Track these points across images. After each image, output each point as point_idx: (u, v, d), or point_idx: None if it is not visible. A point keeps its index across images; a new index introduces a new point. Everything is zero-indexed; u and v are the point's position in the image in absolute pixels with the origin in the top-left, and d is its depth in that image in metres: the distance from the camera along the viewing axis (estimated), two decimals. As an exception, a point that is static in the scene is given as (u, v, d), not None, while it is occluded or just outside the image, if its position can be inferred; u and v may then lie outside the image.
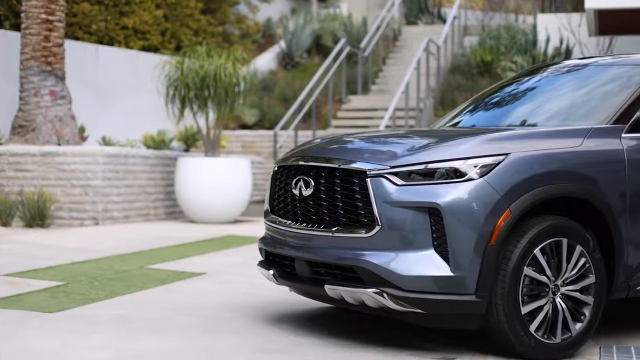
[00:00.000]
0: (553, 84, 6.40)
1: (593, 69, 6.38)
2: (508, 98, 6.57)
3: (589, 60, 6.62)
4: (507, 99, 6.57)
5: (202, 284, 7.40)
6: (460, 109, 6.90)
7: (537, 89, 6.47)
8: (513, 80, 6.85)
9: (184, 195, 13.27)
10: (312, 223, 5.22)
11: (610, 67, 6.26)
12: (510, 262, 4.84)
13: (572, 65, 6.59)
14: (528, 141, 5.10)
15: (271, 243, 5.68)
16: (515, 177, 4.88)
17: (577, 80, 6.28)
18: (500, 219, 4.80)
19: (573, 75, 6.41)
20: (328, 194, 5.13)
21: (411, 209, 4.82)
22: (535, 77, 6.65)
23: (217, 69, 13.16)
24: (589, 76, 6.26)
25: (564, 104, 5.99)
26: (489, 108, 6.59)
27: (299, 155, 5.54)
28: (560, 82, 6.40)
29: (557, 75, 6.52)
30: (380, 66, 20.65)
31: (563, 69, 6.57)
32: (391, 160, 4.97)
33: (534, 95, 6.37)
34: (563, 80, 6.38)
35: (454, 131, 5.86)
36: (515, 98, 6.51)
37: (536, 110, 6.07)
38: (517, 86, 6.65)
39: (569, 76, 6.44)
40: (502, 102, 6.57)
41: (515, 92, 6.61)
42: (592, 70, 6.35)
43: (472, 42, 21.46)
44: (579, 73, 6.44)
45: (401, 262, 4.81)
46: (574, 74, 6.45)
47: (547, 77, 6.58)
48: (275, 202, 5.69)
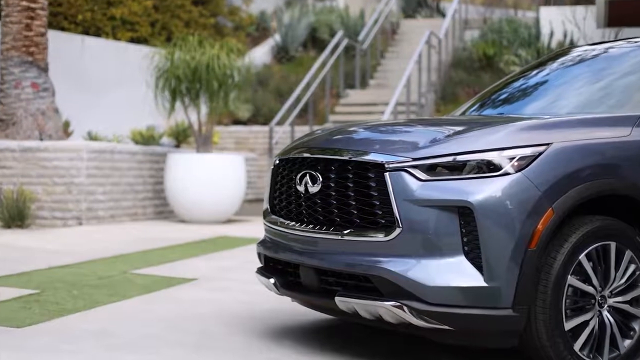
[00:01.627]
0: (582, 69, 5.72)
1: (625, 52, 5.69)
2: (532, 86, 5.88)
3: (618, 43, 5.92)
4: (531, 87, 5.88)
5: (193, 291, 6.69)
6: (478, 98, 6.20)
7: (564, 75, 5.78)
8: (535, 66, 6.16)
9: (174, 194, 12.60)
10: (319, 224, 4.51)
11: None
12: (552, 270, 4.14)
13: (601, 49, 5.89)
14: (571, 130, 4.39)
15: (272, 247, 4.97)
16: (559, 171, 4.17)
17: (610, 65, 5.58)
18: (541, 220, 4.09)
19: (604, 60, 5.72)
20: (338, 190, 4.42)
21: (437, 209, 4.10)
22: (560, 62, 5.98)
23: (210, 60, 12.46)
24: (622, 60, 5.57)
25: (597, 91, 5.31)
26: (512, 97, 5.88)
27: (303, 147, 4.83)
28: (590, 66, 5.71)
29: (586, 60, 5.83)
30: (379, 60, 20.10)
31: (591, 52, 5.88)
32: (413, 151, 4.26)
33: (562, 82, 5.68)
34: (594, 65, 5.69)
35: (484, 118, 5.16)
36: (541, 85, 5.83)
37: (566, 98, 5.38)
38: (541, 72, 5.97)
39: (599, 61, 5.75)
40: (526, 90, 5.88)
41: (540, 79, 5.92)
42: (624, 54, 5.66)
43: (473, 36, 20.94)
44: (611, 57, 5.75)
45: (425, 271, 4.10)
46: (604, 58, 5.76)
47: (574, 62, 5.91)
48: (276, 201, 4.98)
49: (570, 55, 6.01)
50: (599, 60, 5.74)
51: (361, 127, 4.98)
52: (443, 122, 4.96)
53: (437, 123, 4.98)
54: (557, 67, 5.98)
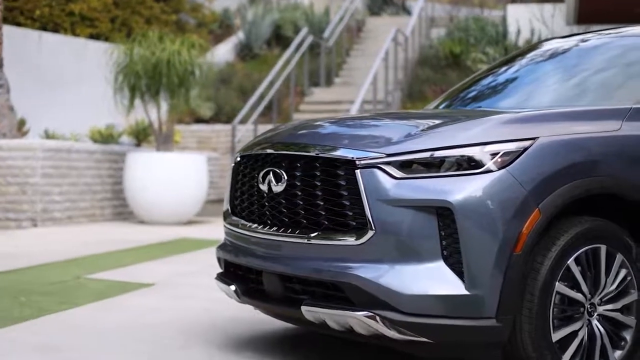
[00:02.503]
0: (565, 61, 5.39)
1: (605, 42, 5.38)
2: (508, 80, 5.55)
3: (595, 35, 5.59)
4: (507, 81, 5.54)
5: (150, 298, 6.28)
6: (449, 94, 5.85)
7: (542, 68, 5.46)
8: (509, 60, 5.82)
9: (133, 194, 12.17)
10: (284, 227, 4.12)
11: (626, 38, 5.25)
12: (539, 276, 3.79)
13: (580, 40, 5.57)
14: (558, 123, 4.04)
15: (232, 251, 4.58)
16: (545, 168, 3.82)
17: (592, 56, 5.26)
18: (527, 222, 3.73)
19: (586, 51, 5.40)
20: (305, 189, 4.04)
21: (413, 209, 3.73)
22: (536, 55, 5.66)
23: (170, 56, 12.03)
24: (604, 51, 5.26)
25: (582, 83, 4.99)
26: (486, 91, 5.52)
27: (266, 142, 4.45)
28: (573, 58, 5.38)
29: (565, 52, 5.50)
30: (344, 58, 19.79)
31: (569, 44, 5.55)
32: (386, 146, 3.88)
33: (540, 75, 5.36)
34: (576, 57, 5.36)
35: (461, 112, 4.80)
36: (517, 79, 5.50)
37: (546, 92, 5.06)
38: (516, 66, 5.64)
39: (581, 52, 5.43)
40: (502, 84, 5.53)
41: (516, 73, 5.59)
42: (604, 45, 5.35)
43: (440, 34, 20.70)
44: (591, 48, 5.42)
45: (401, 277, 3.72)
46: (587, 49, 5.43)
47: (552, 55, 5.58)
48: (237, 201, 4.59)
49: (547, 47, 5.68)
50: (578, 52, 5.42)
51: (329, 121, 4.60)
52: (417, 115, 4.61)
53: (411, 117, 4.62)
54: (533, 60, 5.65)
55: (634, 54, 4.99)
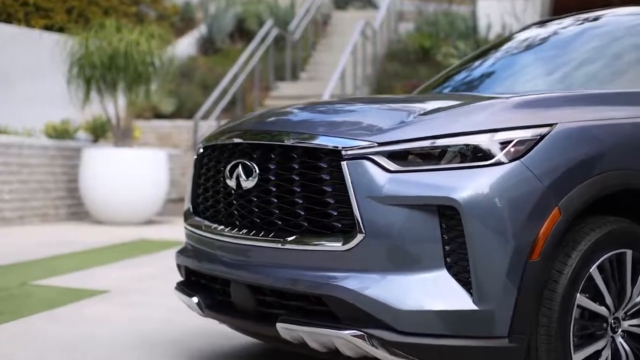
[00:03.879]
0: (572, 41, 4.82)
1: (615, 20, 4.84)
2: (513, 59, 4.99)
3: (606, 12, 5.04)
4: (511, 60, 4.99)
5: (102, 307, 5.64)
6: (436, 80, 5.26)
7: (550, 47, 4.89)
8: (500, 43, 5.27)
9: (89, 193, 11.49)
10: (256, 229, 3.50)
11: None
12: (558, 287, 3.21)
13: (585, 19, 5.01)
14: (579, 107, 3.46)
15: (194, 257, 3.94)
16: (566, 159, 3.24)
17: (600, 36, 4.70)
18: (545, 223, 3.15)
19: (593, 31, 4.84)
20: (280, 185, 3.42)
21: (411, 209, 3.13)
22: (543, 32, 5.11)
23: (128, 46, 11.35)
24: (613, 30, 4.71)
25: (598, 65, 4.42)
26: (489, 72, 4.95)
27: (234, 130, 3.83)
28: (580, 38, 4.83)
29: (572, 31, 4.95)
30: (310, 52, 19.20)
31: (577, 22, 5.00)
32: (378, 133, 3.28)
33: (549, 55, 4.79)
34: (583, 37, 4.80)
35: (462, 96, 4.21)
36: (525, 58, 4.94)
37: (559, 73, 4.48)
38: (521, 44, 5.07)
39: (587, 32, 4.88)
40: (506, 64, 4.98)
41: (520, 52, 5.03)
42: (614, 23, 4.81)
43: (408, 28, 20.19)
44: (599, 27, 4.87)
45: (395, 289, 3.13)
46: (593, 29, 4.88)
47: (560, 33, 5.03)
48: (200, 199, 3.97)
49: (549, 26, 5.12)
50: (583, 33, 4.86)
51: (305, 106, 3.99)
52: (408, 99, 4.00)
53: (400, 101, 4.01)
54: (530, 42, 5.09)
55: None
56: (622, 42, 4.56)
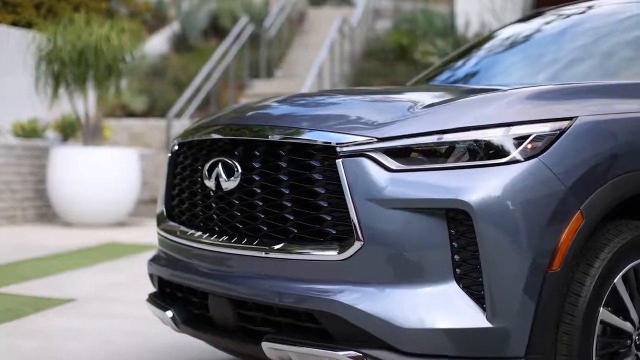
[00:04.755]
0: (584, 30, 4.46)
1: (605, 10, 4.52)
2: (516, 48, 4.64)
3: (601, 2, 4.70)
4: (515, 50, 4.63)
5: (70, 317, 5.24)
6: (431, 71, 4.90)
7: (559, 36, 4.54)
8: (512, 25, 4.93)
9: (58, 193, 11.03)
10: (238, 236, 3.12)
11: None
12: (579, 300, 2.84)
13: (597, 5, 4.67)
14: (601, 99, 3.10)
15: (169, 267, 3.54)
16: (588, 157, 2.88)
17: (614, 23, 4.35)
18: (566, 229, 2.79)
19: (605, 18, 4.49)
20: (266, 186, 3.04)
21: (416, 213, 2.76)
22: (549, 20, 4.76)
23: (98, 41, 10.91)
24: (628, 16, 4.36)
25: (616, 54, 4.07)
26: (487, 65, 4.60)
27: (213, 125, 3.45)
28: (584, 25, 4.48)
29: (582, 19, 4.60)
30: (286, 50, 18.86)
31: (580, 10, 4.66)
32: (377, 127, 2.91)
33: (560, 44, 4.42)
34: (596, 24, 4.45)
35: (466, 87, 3.84)
36: (529, 48, 4.58)
37: (571, 63, 4.13)
38: (526, 32, 4.72)
39: (599, 19, 4.53)
40: (504, 56, 4.63)
41: (524, 41, 4.68)
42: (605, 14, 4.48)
43: (385, 26, 19.86)
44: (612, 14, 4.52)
45: (398, 305, 2.76)
46: (605, 15, 4.53)
47: (566, 22, 4.69)
48: (175, 202, 3.58)
49: (554, 15, 4.77)
50: (595, 20, 4.51)
51: (294, 98, 3.61)
52: (407, 90, 3.64)
53: (400, 91, 3.64)
54: (546, 26, 4.75)
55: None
56: (618, 33, 4.23)
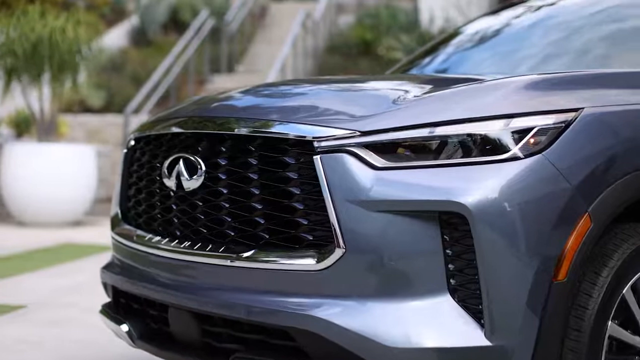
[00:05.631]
0: (565, 20, 4.17)
1: None
2: (503, 36, 4.34)
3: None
4: (502, 38, 4.34)
5: (17, 326, 4.86)
6: (410, 60, 4.58)
7: (547, 23, 4.24)
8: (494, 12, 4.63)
9: (12, 192, 10.60)
10: (202, 241, 2.77)
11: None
12: (586, 313, 2.54)
13: None
14: (608, 89, 2.80)
15: (123, 275, 3.19)
16: (596, 153, 2.57)
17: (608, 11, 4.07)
18: (573, 234, 2.48)
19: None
20: (233, 185, 2.70)
21: (405, 216, 2.44)
22: (524, 12, 4.47)
23: (53, 33, 10.49)
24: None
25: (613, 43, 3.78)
26: (468, 54, 4.29)
27: (173, 118, 3.10)
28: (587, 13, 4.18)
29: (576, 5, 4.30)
30: (247, 45, 18.52)
31: None
32: (360, 120, 2.58)
33: (548, 31, 4.12)
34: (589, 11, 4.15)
35: (453, 77, 3.52)
36: (516, 36, 4.28)
37: (564, 52, 3.83)
38: (512, 19, 4.41)
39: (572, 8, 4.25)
40: (494, 43, 4.32)
41: (505, 31, 4.37)
42: None
43: (348, 21, 19.57)
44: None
45: (384, 321, 2.44)
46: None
47: (540, 12, 4.40)
48: (131, 203, 3.23)
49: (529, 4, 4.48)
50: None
51: (262, 88, 3.27)
52: (391, 78, 3.30)
53: (382, 79, 3.31)
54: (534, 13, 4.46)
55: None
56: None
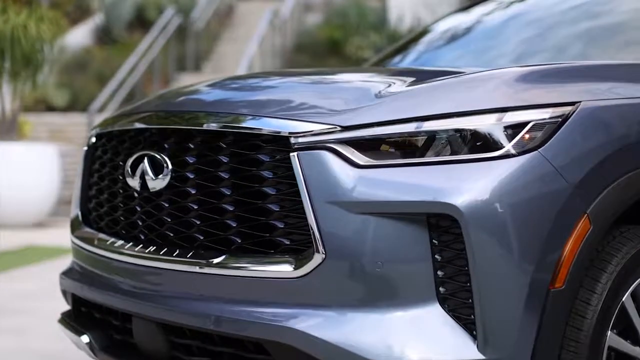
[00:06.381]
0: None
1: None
2: (477, 33, 4.15)
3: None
4: (476, 35, 4.15)
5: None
6: (395, 49, 4.38)
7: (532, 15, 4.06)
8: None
9: (-30, 193, 10.29)
10: (168, 246, 2.55)
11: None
12: (585, 323, 2.35)
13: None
14: (606, 82, 2.61)
15: (84, 282, 2.95)
16: (594, 151, 2.38)
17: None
18: (572, 237, 2.29)
19: None
20: (203, 185, 2.48)
21: (390, 219, 2.23)
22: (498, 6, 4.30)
23: (15, 29, 10.21)
24: None
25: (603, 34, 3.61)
26: (447, 48, 4.11)
27: (136, 113, 2.87)
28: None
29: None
30: (214, 43, 18.34)
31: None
32: (340, 114, 2.37)
33: (533, 23, 3.95)
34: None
35: (445, 71, 3.32)
36: (491, 32, 4.09)
37: (552, 45, 3.65)
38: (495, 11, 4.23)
39: None
40: (467, 40, 4.14)
41: (484, 25, 4.19)
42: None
43: (316, 20, 19.40)
44: None
45: (367, 333, 2.24)
46: None
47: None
48: (92, 204, 3.00)
49: None
50: None
51: (233, 81, 3.06)
52: (370, 71, 3.10)
53: (361, 72, 3.11)
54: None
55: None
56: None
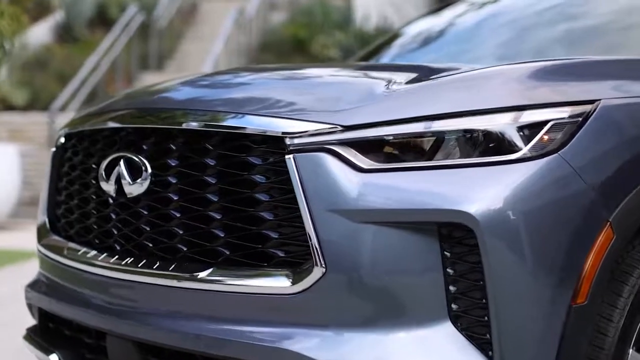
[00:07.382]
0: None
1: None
2: (454, 34, 3.99)
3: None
4: (453, 36, 3.98)
5: None
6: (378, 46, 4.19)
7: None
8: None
9: None
10: (147, 258, 2.32)
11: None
12: (606, 341, 2.16)
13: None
14: (627, 79, 2.42)
15: (52, 295, 2.71)
16: (617, 153, 2.20)
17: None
18: (595, 247, 2.10)
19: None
20: (186, 191, 2.25)
21: (397, 228, 2.02)
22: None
23: (-29, 26, 9.99)
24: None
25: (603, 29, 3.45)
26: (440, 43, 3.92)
27: (110, 111, 2.64)
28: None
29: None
30: (177, 42, 18.18)
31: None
32: (340, 112, 2.15)
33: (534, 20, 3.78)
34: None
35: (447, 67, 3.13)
36: (469, 33, 3.92)
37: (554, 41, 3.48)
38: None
39: None
40: (444, 42, 3.96)
41: (461, 26, 4.03)
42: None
43: (281, 18, 19.29)
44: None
45: (373, 355, 2.02)
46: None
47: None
48: (62, 210, 2.76)
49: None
50: None
51: (214, 76, 2.83)
52: (364, 67, 2.90)
53: (359, 68, 2.90)
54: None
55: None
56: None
